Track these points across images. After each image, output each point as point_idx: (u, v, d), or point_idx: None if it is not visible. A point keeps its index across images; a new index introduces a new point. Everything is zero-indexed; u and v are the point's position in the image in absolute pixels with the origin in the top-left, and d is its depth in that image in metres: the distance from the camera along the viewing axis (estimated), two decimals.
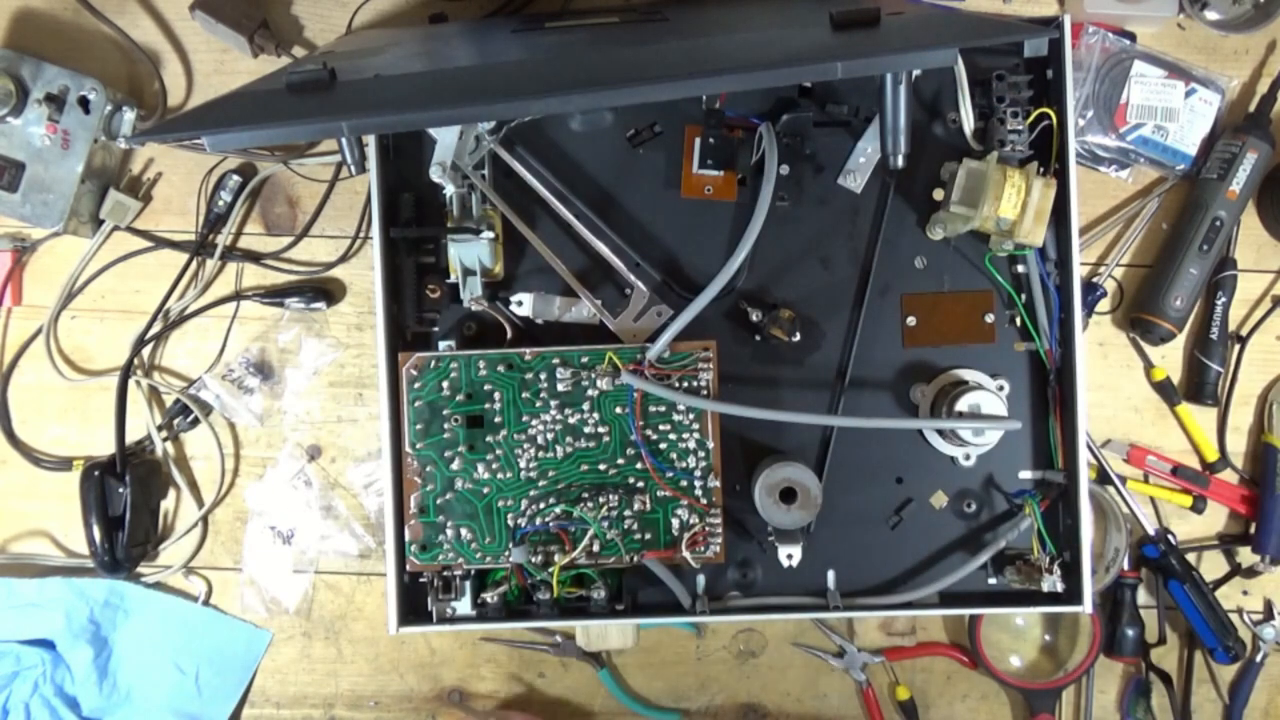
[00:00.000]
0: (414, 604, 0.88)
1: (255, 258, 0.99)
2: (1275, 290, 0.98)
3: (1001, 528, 0.89)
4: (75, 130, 0.93)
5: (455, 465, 0.85)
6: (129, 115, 0.95)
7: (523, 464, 0.85)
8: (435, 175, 0.80)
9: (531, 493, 0.85)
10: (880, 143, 0.80)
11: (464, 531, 0.85)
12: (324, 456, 1.00)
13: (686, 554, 0.84)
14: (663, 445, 0.85)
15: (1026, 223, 0.82)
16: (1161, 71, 0.95)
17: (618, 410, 0.85)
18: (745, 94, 0.88)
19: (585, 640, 0.94)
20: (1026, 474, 0.89)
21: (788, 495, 0.83)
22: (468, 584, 0.87)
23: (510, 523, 0.85)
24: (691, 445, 0.84)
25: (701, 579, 0.89)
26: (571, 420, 0.85)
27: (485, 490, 0.85)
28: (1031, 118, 0.85)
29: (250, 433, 1.00)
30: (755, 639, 1.00)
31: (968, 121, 0.86)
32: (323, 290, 0.98)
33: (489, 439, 0.85)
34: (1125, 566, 0.96)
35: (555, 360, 0.84)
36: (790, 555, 0.85)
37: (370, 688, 1.01)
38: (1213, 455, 0.98)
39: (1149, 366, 0.98)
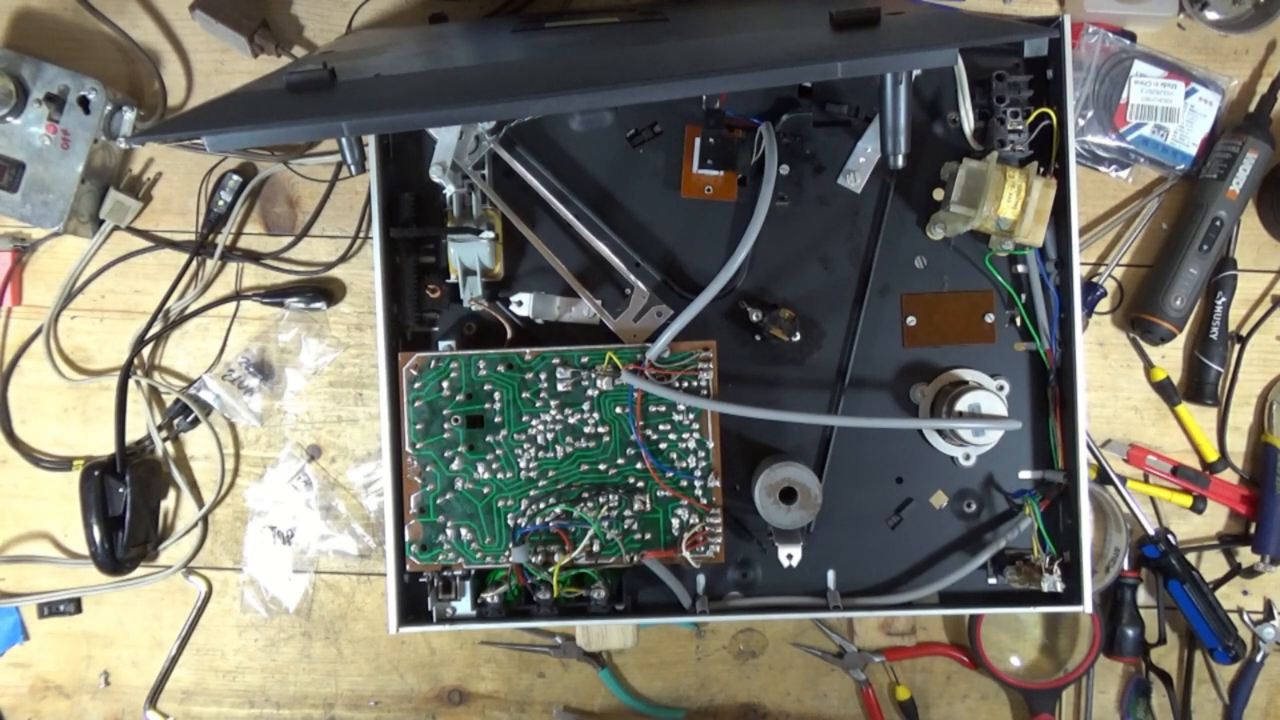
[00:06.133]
0: (414, 604, 0.88)
1: (255, 258, 0.99)
2: (1275, 290, 0.98)
3: (1001, 528, 0.89)
4: (75, 130, 0.93)
5: (455, 465, 0.85)
6: (129, 115, 0.95)
7: (523, 464, 0.85)
8: (435, 175, 0.80)
9: (531, 493, 0.85)
10: (880, 143, 0.80)
11: (464, 531, 0.85)
12: (324, 456, 1.00)
13: (686, 554, 0.84)
14: (663, 445, 0.85)
15: (1026, 223, 0.82)
16: (1161, 71, 0.95)
17: (618, 410, 0.85)
18: (745, 94, 0.88)
19: (585, 640, 0.94)
20: (1026, 474, 0.89)
21: (788, 495, 0.83)
22: (468, 584, 0.87)
23: (510, 523, 0.85)
24: (691, 445, 0.84)
25: (701, 579, 0.89)
26: (571, 420, 0.85)
27: (485, 490, 0.85)
28: (1031, 118, 0.85)
29: (250, 433, 1.00)
30: (755, 639, 1.00)
31: (968, 121, 0.86)
32: (323, 290, 0.98)
33: (489, 439, 0.85)
34: (1125, 566, 0.96)
35: (555, 360, 0.84)
36: (790, 555, 0.85)
37: (370, 688, 1.01)
38: (1213, 455, 0.98)
39: (1149, 366, 0.98)
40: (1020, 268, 0.89)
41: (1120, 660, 0.97)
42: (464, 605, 0.87)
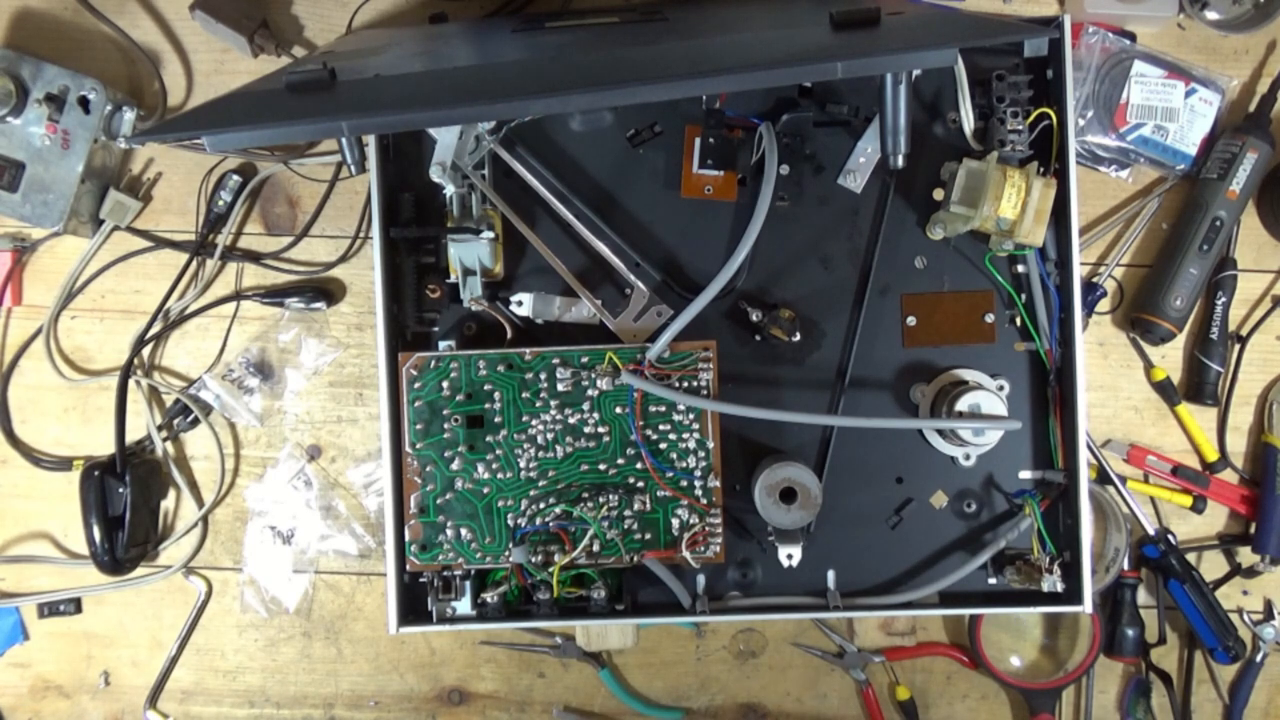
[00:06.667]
0: (414, 604, 0.88)
1: (255, 258, 0.99)
2: (1275, 290, 0.98)
3: (1001, 528, 0.89)
4: (75, 130, 0.93)
5: (455, 465, 0.85)
6: (129, 115, 0.95)
7: (523, 464, 0.85)
8: (435, 175, 0.80)
9: (531, 493, 0.85)
10: (880, 143, 0.80)
11: (464, 531, 0.85)
12: (324, 456, 1.00)
13: (686, 554, 0.84)
14: (663, 445, 0.85)
15: (1026, 223, 0.82)
16: (1161, 71, 0.95)
17: (618, 410, 0.85)
18: (745, 94, 0.88)
19: (585, 640, 0.94)
20: (1026, 474, 0.89)
21: (788, 495, 0.83)
22: (468, 584, 0.87)
23: (510, 523, 0.85)
24: (691, 445, 0.84)
25: (701, 579, 0.89)
26: (571, 420, 0.85)
27: (485, 490, 0.85)
28: (1031, 118, 0.85)
29: (250, 433, 1.00)
30: (755, 639, 1.00)
31: (968, 121, 0.86)
32: (323, 290, 0.98)
33: (489, 439, 0.85)
34: (1125, 566, 0.96)
35: (555, 360, 0.84)
36: (790, 555, 0.85)
37: (370, 688, 1.01)
38: (1213, 455, 0.98)
39: (1149, 366, 0.98)
40: (1020, 268, 0.89)
41: (1120, 660, 0.97)
42: (464, 605, 0.87)
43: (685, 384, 0.84)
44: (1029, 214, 0.82)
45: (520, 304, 0.88)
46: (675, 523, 0.85)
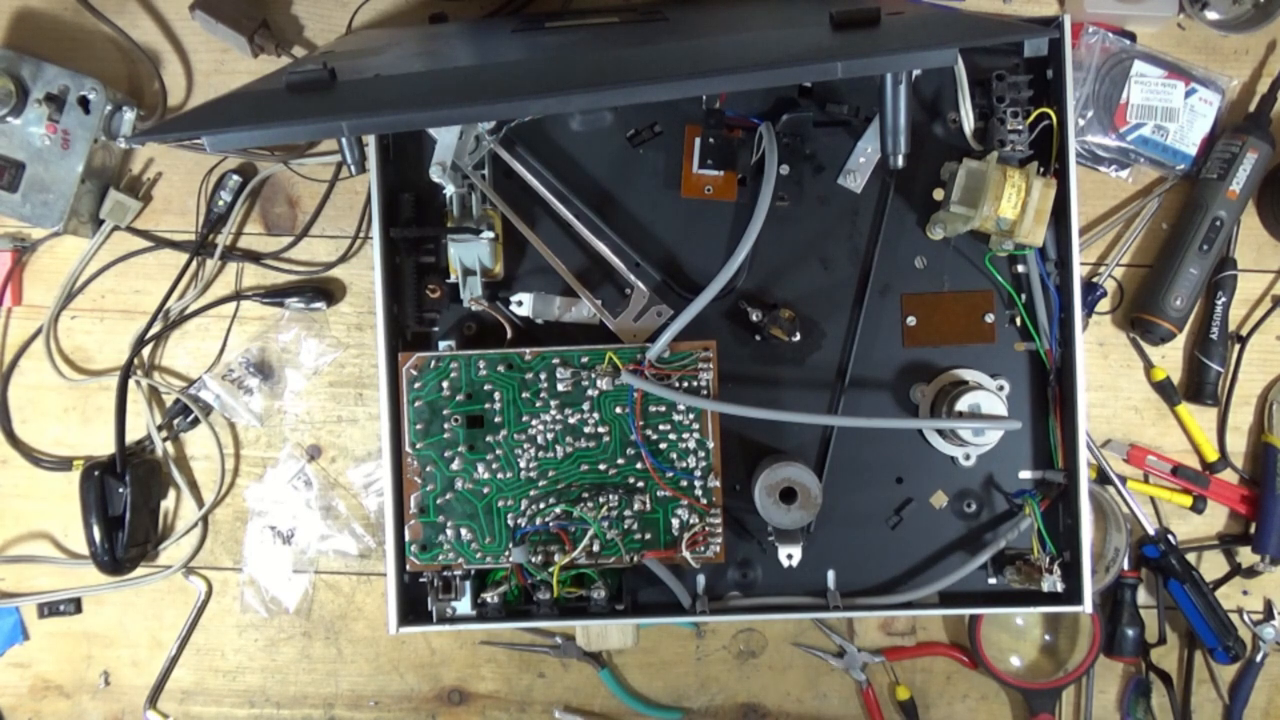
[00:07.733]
0: (414, 604, 0.88)
1: (255, 258, 0.99)
2: (1275, 290, 0.98)
3: (1001, 528, 0.89)
4: (75, 130, 0.93)
5: (455, 465, 0.85)
6: (129, 115, 0.95)
7: (523, 464, 0.85)
8: (435, 175, 0.80)
9: (531, 493, 0.85)
10: (880, 143, 0.80)
11: (464, 531, 0.85)
12: (324, 456, 1.00)
13: (686, 554, 0.84)
14: (663, 445, 0.85)
15: (1026, 223, 0.82)
16: (1161, 71, 0.95)
17: (618, 410, 0.85)
18: (745, 94, 0.88)
19: (585, 640, 0.94)
20: (1026, 474, 0.89)
21: (788, 495, 0.83)
22: (468, 584, 0.87)
23: (510, 523, 0.85)
24: (691, 445, 0.84)
25: (701, 579, 0.89)
26: (571, 420, 0.85)
27: (485, 490, 0.85)
28: (1031, 118, 0.85)
29: (250, 433, 1.00)
30: (755, 639, 1.00)
31: (968, 121, 0.86)
32: (323, 290, 0.98)
33: (489, 439, 0.85)
34: (1125, 566, 0.96)
35: (555, 360, 0.84)
36: (790, 555, 0.85)
37: (370, 688, 1.01)
38: (1213, 455, 0.98)
39: (1149, 366, 0.98)
40: (1020, 268, 0.89)
41: (1120, 660, 0.97)
42: (464, 605, 0.87)
43: (685, 384, 0.84)
44: (1029, 214, 0.82)
45: (520, 304, 0.88)
46: (675, 523, 0.85)
